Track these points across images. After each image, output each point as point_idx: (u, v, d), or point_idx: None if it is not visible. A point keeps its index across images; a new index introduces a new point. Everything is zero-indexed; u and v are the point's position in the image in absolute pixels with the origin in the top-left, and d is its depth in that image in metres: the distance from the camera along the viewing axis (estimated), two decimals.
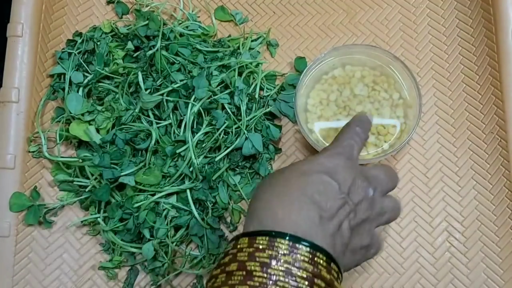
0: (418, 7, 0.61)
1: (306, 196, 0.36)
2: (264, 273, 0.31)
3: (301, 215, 0.35)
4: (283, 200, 0.36)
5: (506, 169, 0.53)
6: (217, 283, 0.33)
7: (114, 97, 0.56)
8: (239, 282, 0.31)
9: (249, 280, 0.31)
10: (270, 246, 0.33)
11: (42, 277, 0.54)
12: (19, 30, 0.57)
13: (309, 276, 0.32)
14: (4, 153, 0.54)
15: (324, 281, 0.32)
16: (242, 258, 0.33)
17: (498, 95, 0.55)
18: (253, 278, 0.31)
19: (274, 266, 0.32)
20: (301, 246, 0.33)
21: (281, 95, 0.57)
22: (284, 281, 0.31)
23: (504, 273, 0.51)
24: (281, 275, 0.31)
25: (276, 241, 0.33)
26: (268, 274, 0.31)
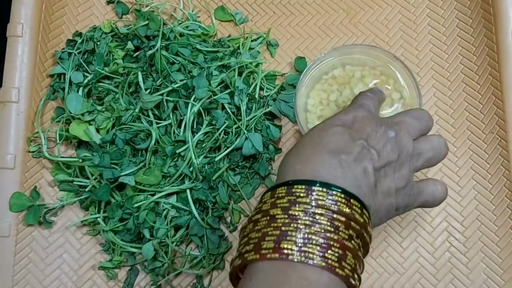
0: (418, 7, 0.61)
1: (323, 147, 0.37)
2: (285, 214, 0.33)
3: (318, 163, 0.36)
4: (301, 156, 0.38)
5: (506, 169, 0.53)
6: (245, 231, 0.35)
7: (114, 97, 0.56)
8: (263, 226, 0.34)
9: (273, 223, 0.33)
10: (289, 194, 0.34)
11: (42, 277, 0.54)
12: (19, 30, 0.57)
13: (329, 212, 0.33)
14: (4, 153, 0.54)
15: (345, 216, 0.34)
16: (266, 208, 0.35)
17: (498, 95, 0.55)
18: (276, 220, 0.33)
19: (294, 208, 0.34)
20: (318, 188, 0.34)
21: (281, 95, 0.57)
22: (305, 219, 0.33)
23: (504, 273, 0.51)
24: (302, 215, 0.33)
25: (294, 188, 0.35)
26: (289, 215, 0.33)
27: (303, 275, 0.31)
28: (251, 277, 0.33)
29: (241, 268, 0.35)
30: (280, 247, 0.32)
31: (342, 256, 0.32)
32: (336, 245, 0.32)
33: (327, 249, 0.32)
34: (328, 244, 0.32)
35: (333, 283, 0.32)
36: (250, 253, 0.33)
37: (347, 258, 0.32)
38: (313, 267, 0.31)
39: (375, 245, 0.53)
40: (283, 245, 0.32)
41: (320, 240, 0.32)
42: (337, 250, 0.32)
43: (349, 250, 0.33)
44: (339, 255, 0.32)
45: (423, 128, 0.42)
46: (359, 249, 0.34)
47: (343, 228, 0.33)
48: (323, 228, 0.32)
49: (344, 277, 0.32)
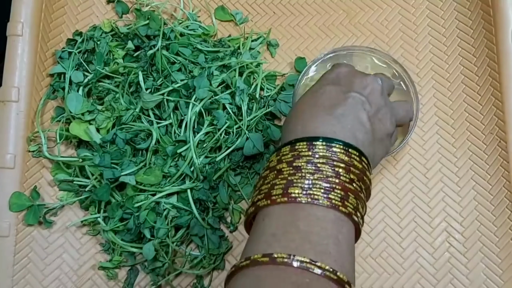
0: (418, 7, 0.61)
1: (318, 107, 0.41)
2: (290, 166, 0.37)
3: (317, 121, 0.40)
4: (300, 118, 0.41)
5: (506, 170, 0.53)
6: (256, 187, 0.39)
7: (114, 96, 0.56)
8: (272, 179, 0.37)
9: (280, 175, 0.37)
10: (292, 150, 0.38)
11: (42, 277, 0.54)
12: (19, 29, 0.57)
13: (329, 161, 0.37)
14: (4, 152, 0.54)
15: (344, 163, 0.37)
16: (272, 164, 0.39)
17: (497, 96, 0.55)
18: (282, 173, 0.37)
19: (298, 161, 0.37)
20: (318, 143, 0.38)
21: (281, 95, 0.57)
22: (308, 168, 0.36)
23: (504, 273, 0.51)
24: (303, 166, 0.37)
25: (296, 145, 0.38)
26: (293, 167, 0.37)
27: (311, 212, 0.35)
28: (263, 218, 0.36)
29: (254, 217, 0.38)
30: (288, 192, 0.35)
31: (344, 196, 0.36)
32: (338, 187, 0.36)
33: (331, 191, 0.35)
34: (331, 187, 0.36)
35: (338, 219, 0.35)
36: (261, 201, 0.37)
37: (349, 199, 0.36)
38: (319, 206, 0.35)
39: (375, 245, 0.53)
40: (291, 190, 0.35)
41: (323, 184, 0.36)
42: (339, 191, 0.36)
43: (350, 192, 0.36)
44: (342, 196, 0.36)
45: (391, 88, 0.48)
46: (360, 191, 0.37)
47: (343, 173, 0.37)
48: (325, 174, 0.36)
49: (347, 214, 0.35)
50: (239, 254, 0.54)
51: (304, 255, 0.32)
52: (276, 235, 0.34)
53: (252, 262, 0.33)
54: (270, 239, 0.34)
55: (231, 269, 0.35)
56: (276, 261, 0.32)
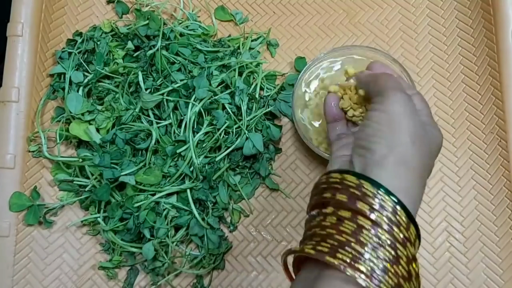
0: (418, 7, 0.61)
1: (424, 147, 0.35)
2: (369, 225, 0.32)
3: (412, 171, 0.34)
4: (417, 167, 0.35)
5: (506, 169, 0.53)
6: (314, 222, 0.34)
7: (114, 96, 0.56)
8: (330, 225, 0.33)
9: (357, 236, 0.32)
10: (374, 196, 0.32)
11: (42, 277, 0.54)
12: (19, 30, 0.57)
13: (398, 239, 0.32)
14: (4, 152, 0.54)
15: (410, 252, 0.32)
16: (342, 199, 0.33)
17: (498, 95, 0.55)
18: (360, 231, 0.32)
19: (375, 215, 0.32)
20: (401, 209, 0.32)
21: (281, 95, 0.57)
22: (381, 239, 0.31)
23: (504, 273, 0.51)
24: (370, 230, 0.32)
25: (381, 193, 0.33)
26: (370, 227, 0.32)
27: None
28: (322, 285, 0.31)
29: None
30: (355, 266, 0.30)
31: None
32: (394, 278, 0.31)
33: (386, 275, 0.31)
34: (388, 272, 0.31)
35: None
36: (343, 262, 0.31)
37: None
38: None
39: None
40: (359, 266, 0.30)
41: (383, 266, 0.31)
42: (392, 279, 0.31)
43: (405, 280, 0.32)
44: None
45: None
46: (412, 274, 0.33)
47: (403, 256, 0.32)
48: (387, 253, 0.31)
49: None
50: (239, 254, 0.54)
51: None
52: None
53: None
54: None
55: None
56: None
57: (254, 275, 0.53)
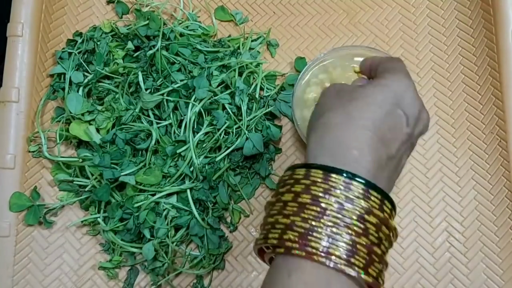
0: (418, 7, 0.61)
1: (379, 135, 0.34)
2: (317, 206, 0.32)
3: (369, 153, 0.34)
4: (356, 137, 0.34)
5: (506, 170, 0.53)
6: (273, 210, 0.34)
7: (114, 97, 0.56)
8: (293, 212, 0.32)
9: (302, 212, 0.32)
10: (325, 180, 0.32)
11: (42, 277, 0.54)
12: (19, 30, 0.57)
13: (362, 212, 0.32)
14: (4, 153, 0.54)
15: (377, 218, 0.32)
16: (297, 190, 0.33)
17: (498, 95, 0.55)
18: (305, 210, 0.32)
19: (324, 200, 0.32)
20: (356, 184, 0.32)
21: (281, 95, 0.57)
22: (335, 216, 0.31)
23: (504, 273, 0.51)
24: (333, 210, 0.31)
25: (333, 176, 0.32)
26: (320, 208, 0.32)
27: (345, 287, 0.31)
28: (289, 272, 0.31)
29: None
30: (329, 251, 0.30)
31: (381, 270, 0.32)
32: (377, 259, 0.32)
33: (371, 264, 0.31)
34: (371, 259, 0.31)
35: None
36: (294, 244, 0.31)
37: (383, 271, 0.32)
38: (354, 278, 0.31)
39: None
40: (330, 250, 0.31)
41: (364, 250, 0.31)
42: (378, 265, 0.32)
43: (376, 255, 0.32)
44: (379, 270, 0.32)
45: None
46: (386, 253, 0.33)
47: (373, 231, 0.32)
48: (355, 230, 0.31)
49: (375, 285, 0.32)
50: (239, 254, 0.54)
51: None
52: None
53: None
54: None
55: None
56: None
57: (254, 275, 0.53)
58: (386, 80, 0.37)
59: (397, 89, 0.36)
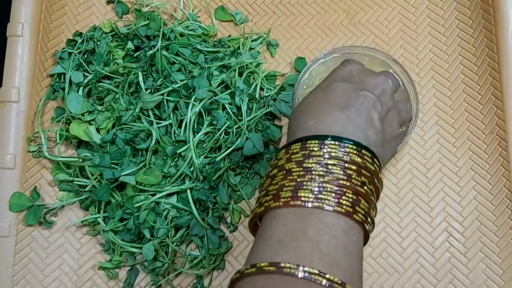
0: (418, 7, 0.61)
1: (329, 103, 0.40)
2: (300, 167, 0.36)
3: (329, 119, 0.38)
4: (312, 113, 0.40)
5: (506, 170, 0.53)
6: (264, 187, 0.38)
7: (114, 97, 0.56)
8: (280, 179, 0.36)
9: (289, 176, 0.36)
10: (303, 149, 0.37)
11: (42, 277, 0.54)
12: (19, 30, 0.57)
13: (341, 163, 0.35)
14: (4, 153, 0.54)
15: (356, 165, 0.36)
16: (281, 163, 0.37)
17: (498, 95, 0.55)
18: (292, 174, 0.36)
19: (308, 161, 0.36)
20: (331, 142, 0.36)
21: (281, 95, 0.57)
22: (318, 170, 0.35)
23: (504, 273, 0.51)
24: (314, 167, 0.35)
25: (307, 143, 0.37)
26: (303, 168, 0.35)
27: (321, 219, 0.33)
28: (270, 221, 0.35)
29: (260, 218, 0.37)
30: (297, 195, 0.34)
31: (356, 201, 0.34)
32: (349, 192, 0.34)
33: (341, 195, 0.34)
34: (342, 191, 0.34)
35: (349, 227, 0.34)
36: (269, 202, 0.35)
37: (360, 203, 0.35)
38: (329, 212, 0.34)
39: (375, 245, 0.53)
40: (300, 194, 0.34)
41: (334, 187, 0.34)
42: (350, 196, 0.34)
43: (362, 195, 0.35)
44: (353, 201, 0.34)
45: (397, 87, 0.46)
46: (371, 194, 0.36)
47: (355, 175, 0.35)
48: (336, 176, 0.35)
49: (359, 222, 0.34)
50: (239, 254, 0.54)
51: (312, 265, 0.31)
52: (283, 242, 0.33)
53: (257, 270, 0.32)
54: (277, 245, 0.33)
55: (235, 275, 0.34)
56: (283, 271, 0.31)
57: None
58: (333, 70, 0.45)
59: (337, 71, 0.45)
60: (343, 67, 0.44)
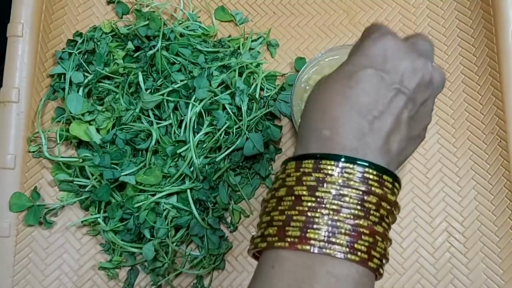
0: (418, 7, 0.61)
1: (351, 103, 0.32)
2: (312, 196, 0.31)
3: (347, 129, 0.32)
4: (327, 115, 0.33)
5: (506, 170, 0.53)
6: (268, 208, 0.33)
7: (114, 97, 0.56)
8: (288, 207, 0.31)
9: (298, 205, 0.31)
10: (316, 169, 0.31)
11: (42, 277, 0.54)
12: (19, 30, 0.57)
13: (359, 194, 0.30)
14: (4, 153, 0.54)
15: (377, 196, 0.31)
16: (290, 183, 0.32)
17: (498, 95, 0.55)
18: (302, 203, 0.31)
19: (322, 189, 0.30)
20: (347, 165, 0.31)
21: (281, 95, 0.57)
22: (332, 203, 0.30)
23: (504, 273, 0.51)
24: (330, 197, 0.30)
25: (322, 163, 0.31)
26: (316, 198, 0.30)
27: (330, 269, 0.29)
28: (273, 264, 0.31)
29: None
30: (306, 236, 0.30)
31: (372, 244, 0.30)
32: (366, 232, 0.30)
33: (357, 239, 0.30)
34: (357, 232, 0.30)
35: (362, 276, 0.30)
36: (274, 238, 0.31)
37: (377, 246, 0.30)
38: (341, 260, 0.29)
39: None
40: (310, 235, 0.30)
41: (348, 227, 0.30)
42: (367, 238, 0.30)
43: (379, 235, 0.31)
44: (369, 244, 0.30)
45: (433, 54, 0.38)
46: (388, 229, 0.32)
47: (373, 210, 0.31)
48: (352, 213, 0.30)
49: (375, 269, 0.30)
50: (239, 254, 0.54)
51: None
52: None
53: None
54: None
55: None
56: None
57: None
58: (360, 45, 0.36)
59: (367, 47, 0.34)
60: (375, 42, 0.34)
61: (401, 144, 0.33)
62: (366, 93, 0.32)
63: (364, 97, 0.32)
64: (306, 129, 0.34)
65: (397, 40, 0.34)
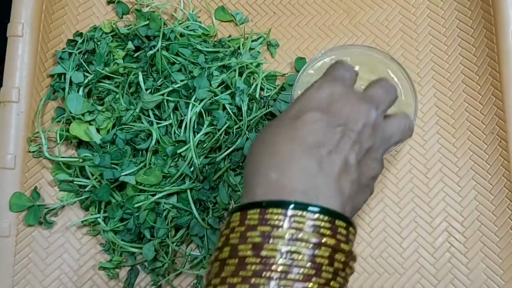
0: (418, 7, 0.61)
1: (298, 143, 0.31)
2: (257, 257, 0.27)
3: (297, 170, 0.30)
4: (274, 157, 0.31)
5: (506, 170, 0.53)
6: (211, 274, 0.29)
7: (114, 97, 0.56)
8: (231, 274, 0.27)
9: (242, 270, 0.27)
10: (262, 221, 0.28)
11: (42, 277, 0.54)
12: (20, 30, 0.57)
13: (310, 247, 0.28)
14: (4, 153, 0.54)
15: (330, 247, 0.28)
16: (234, 241, 0.29)
17: (498, 95, 0.55)
18: (245, 267, 0.27)
19: (268, 246, 0.27)
20: (296, 212, 0.28)
21: (281, 95, 0.57)
22: (279, 263, 0.27)
23: (504, 273, 0.51)
24: (277, 256, 0.27)
25: (268, 213, 0.28)
26: (261, 258, 0.27)
27: None
28: None
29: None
30: None
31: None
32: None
33: None
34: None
35: None
36: None
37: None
38: None
39: (375, 245, 0.53)
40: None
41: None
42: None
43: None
44: None
45: (390, 103, 0.38)
46: (345, 283, 0.29)
47: (326, 265, 0.28)
48: (303, 273, 0.27)
49: None
50: None
51: None
52: None
53: None
54: None
55: None
56: None
57: None
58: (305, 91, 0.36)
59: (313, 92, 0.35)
60: (321, 87, 0.35)
61: (353, 186, 0.32)
62: (313, 133, 0.32)
63: (311, 137, 0.32)
64: (252, 174, 0.32)
65: (343, 87, 0.35)
